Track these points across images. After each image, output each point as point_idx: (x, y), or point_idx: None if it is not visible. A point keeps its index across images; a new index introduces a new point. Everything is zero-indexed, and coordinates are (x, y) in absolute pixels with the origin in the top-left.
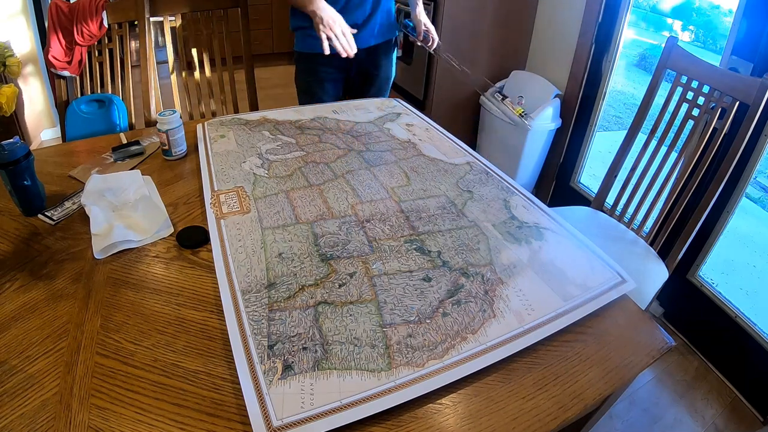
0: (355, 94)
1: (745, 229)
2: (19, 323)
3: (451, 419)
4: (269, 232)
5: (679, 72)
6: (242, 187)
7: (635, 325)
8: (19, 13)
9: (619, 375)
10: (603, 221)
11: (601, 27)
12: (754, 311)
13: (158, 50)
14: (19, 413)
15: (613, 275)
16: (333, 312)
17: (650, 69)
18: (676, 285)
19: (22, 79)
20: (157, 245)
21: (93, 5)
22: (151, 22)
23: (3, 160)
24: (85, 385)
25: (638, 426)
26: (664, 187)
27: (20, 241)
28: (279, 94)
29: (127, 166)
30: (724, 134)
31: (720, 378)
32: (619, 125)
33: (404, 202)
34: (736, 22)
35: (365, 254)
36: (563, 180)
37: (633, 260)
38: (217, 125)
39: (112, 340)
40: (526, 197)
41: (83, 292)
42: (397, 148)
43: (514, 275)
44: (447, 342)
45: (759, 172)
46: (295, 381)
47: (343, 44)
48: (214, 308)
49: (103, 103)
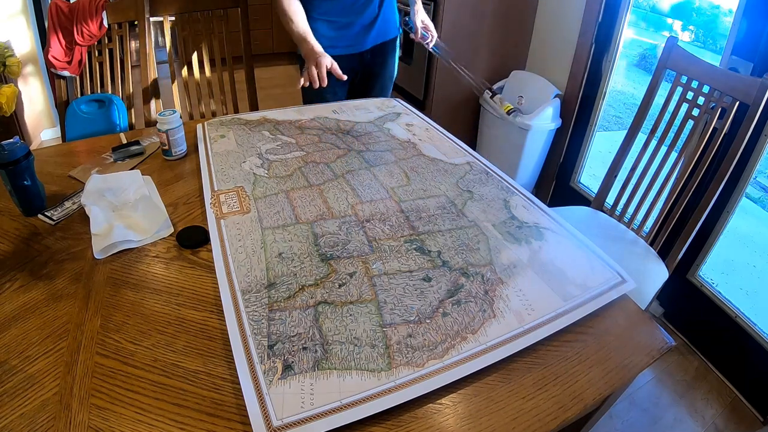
0: (360, 93)
1: (745, 229)
2: (19, 323)
3: (451, 419)
4: (269, 232)
5: (679, 72)
6: (242, 187)
7: (635, 325)
8: (19, 13)
9: (619, 375)
10: (603, 221)
11: (601, 27)
12: (754, 311)
13: (158, 50)
14: (19, 413)
15: (613, 275)
16: (333, 312)
17: (650, 69)
18: (676, 285)
19: (22, 79)
20: (157, 245)
21: (93, 5)
22: (151, 22)
23: (3, 160)
24: (85, 385)
25: (638, 426)
26: (664, 187)
27: (20, 241)
28: (279, 94)
29: (127, 166)
30: (724, 134)
31: (720, 378)
32: (619, 125)
33: (404, 202)
34: (736, 22)
35: (365, 254)
36: (563, 180)
37: (633, 260)
38: (217, 125)
39: (112, 340)
40: (526, 197)
41: (83, 292)
42: (397, 148)
43: (514, 275)
44: (447, 342)
45: (759, 172)
46: (295, 381)
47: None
48: (214, 308)
49: (103, 103)
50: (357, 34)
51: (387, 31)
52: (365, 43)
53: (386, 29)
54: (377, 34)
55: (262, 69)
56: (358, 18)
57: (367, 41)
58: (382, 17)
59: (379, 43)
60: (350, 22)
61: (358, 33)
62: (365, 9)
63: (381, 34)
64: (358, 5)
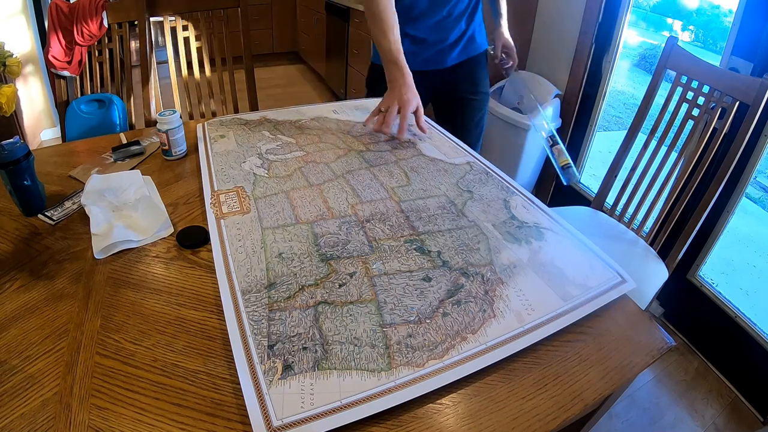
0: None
1: (745, 229)
2: (19, 323)
3: (451, 419)
4: (269, 232)
5: (679, 72)
6: (242, 187)
7: (635, 325)
8: (19, 13)
9: (619, 375)
10: (603, 221)
11: (601, 27)
12: (754, 311)
13: (158, 50)
14: (19, 413)
15: (613, 275)
16: (333, 312)
17: (650, 69)
18: (676, 285)
19: (22, 79)
20: (157, 245)
21: (93, 5)
22: (151, 22)
23: (3, 160)
24: (85, 385)
25: (638, 426)
26: (664, 187)
27: (20, 241)
28: (279, 94)
29: (127, 166)
30: (724, 134)
31: (720, 378)
32: (619, 125)
33: (404, 202)
34: (736, 22)
35: (365, 254)
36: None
37: (633, 260)
38: (217, 125)
39: (112, 340)
40: (526, 197)
41: (83, 292)
42: (397, 148)
43: (514, 275)
44: (447, 342)
45: (759, 172)
46: (295, 381)
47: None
48: (214, 308)
49: (103, 103)
50: (440, 51)
51: (473, 47)
52: (446, 61)
53: (472, 46)
54: (462, 51)
55: (262, 69)
56: (445, 33)
57: (448, 59)
58: (468, 34)
59: (463, 59)
60: (439, 39)
61: (441, 50)
62: (455, 26)
63: (466, 51)
64: (449, 22)
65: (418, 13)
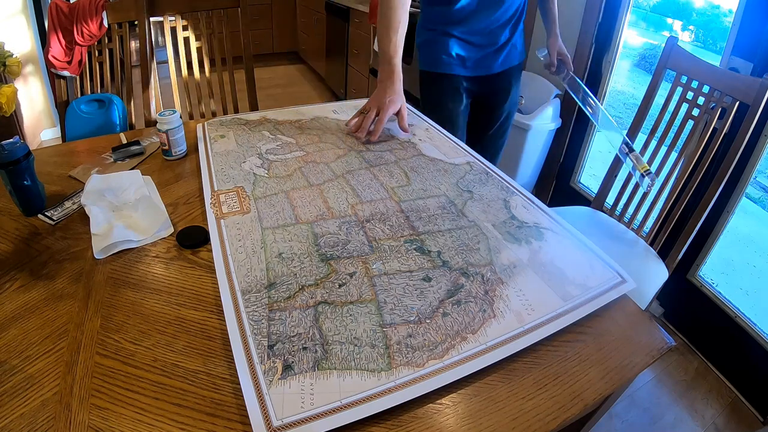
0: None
1: (745, 229)
2: (19, 323)
3: (451, 419)
4: (269, 232)
5: (679, 72)
6: (242, 187)
7: (635, 325)
8: (19, 12)
9: (619, 375)
10: (603, 221)
11: (601, 27)
12: (753, 311)
13: (158, 50)
14: (19, 413)
15: (613, 275)
16: (333, 312)
17: (650, 69)
18: (676, 285)
19: (22, 79)
20: (157, 245)
21: (93, 5)
22: (151, 22)
23: (3, 160)
24: (85, 385)
25: (638, 426)
26: (664, 187)
27: (20, 241)
28: (279, 94)
29: (127, 166)
30: (724, 134)
31: (720, 378)
32: (619, 125)
33: (404, 202)
34: (736, 22)
35: (365, 254)
36: (563, 180)
37: (633, 260)
38: (217, 125)
39: (112, 340)
40: (526, 197)
41: (83, 292)
42: (397, 148)
43: (514, 275)
44: (447, 342)
45: (759, 172)
46: (295, 381)
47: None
48: (214, 308)
49: (103, 103)
50: (487, 56)
51: (515, 56)
52: (493, 67)
53: (514, 54)
54: (506, 58)
55: (262, 69)
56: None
57: (495, 65)
58: (512, 42)
59: (506, 68)
60: (486, 43)
61: (488, 55)
62: (501, 33)
63: (509, 59)
64: (496, 29)
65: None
